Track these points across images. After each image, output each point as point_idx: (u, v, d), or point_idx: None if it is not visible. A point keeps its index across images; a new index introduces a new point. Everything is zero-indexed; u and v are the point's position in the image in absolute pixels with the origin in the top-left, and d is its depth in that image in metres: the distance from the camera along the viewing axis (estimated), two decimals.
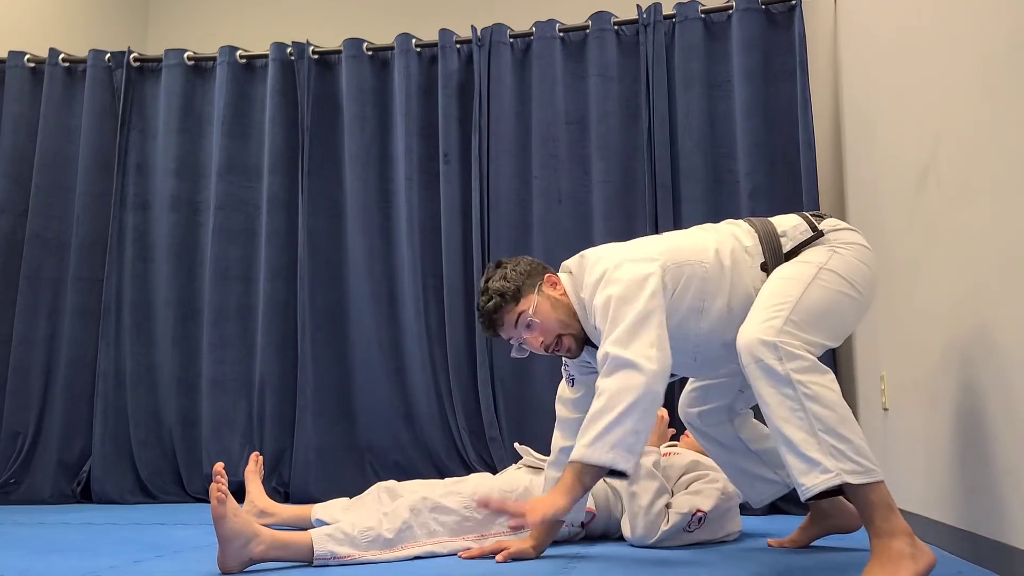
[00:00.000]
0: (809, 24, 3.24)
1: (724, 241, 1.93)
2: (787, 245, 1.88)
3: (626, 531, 2.19)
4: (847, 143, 2.98)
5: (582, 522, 2.25)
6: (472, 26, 3.53)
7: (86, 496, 3.43)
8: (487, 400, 3.28)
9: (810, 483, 1.58)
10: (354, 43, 3.60)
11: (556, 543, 2.21)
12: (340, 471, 3.33)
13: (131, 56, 3.73)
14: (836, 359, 3.07)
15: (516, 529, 2.12)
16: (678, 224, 3.25)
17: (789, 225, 1.92)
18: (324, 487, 3.21)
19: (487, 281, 2.01)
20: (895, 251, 2.35)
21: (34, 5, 4.17)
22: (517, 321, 1.97)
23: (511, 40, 3.50)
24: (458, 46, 3.53)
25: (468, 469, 3.18)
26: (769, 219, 1.99)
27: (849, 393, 3.01)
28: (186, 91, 3.70)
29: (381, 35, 3.68)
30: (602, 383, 1.77)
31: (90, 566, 1.90)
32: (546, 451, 2.51)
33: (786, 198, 3.13)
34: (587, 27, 3.42)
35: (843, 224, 1.94)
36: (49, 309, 3.59)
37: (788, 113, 3.17)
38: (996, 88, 1.66)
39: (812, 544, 2.17)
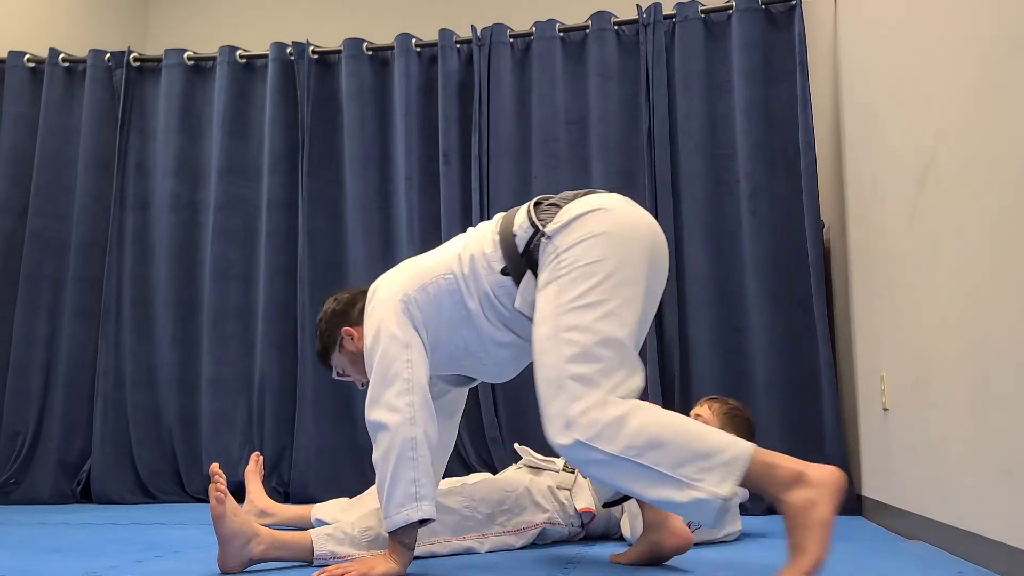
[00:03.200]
0: (809, 24, 3.25)
1: (468, 246, 1.85)
2: (520, 246, 1.76)
3: (626, 531, 2.19)
4: (847, 143, 2.98)
5: (582, 522, 2.25)
6: (472, 26, 3.53)
7: (86, 496, 3.43)
8: (487, 400, 3.28)
9: (706, 520, 1.49)
10: (354, 43, 3.60)
11: (556, 543, 2.21)
12: (340, 471, 3.32)
13: (131, 56, 3.73)
14: (836, 358, 3.08)
15: (516, 531, 2.13)
16: (678, 224, 3.25)
17: (518, 223, 1.79)
18: (324, 487, 3.21)
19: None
20: (895, 251, 2.35)
21: (34, 5, 4.18)
22: (335, 371, 2.10)
23: (511, 40, 3.50)
24: (458, 46, 3.53)
25: (468, 469, 3.18)
26: (513, 213, 1.85)
27: (849, 393, 3.01)
28: (186, 91, 3.70)
29: (381, 35, 3.68)
30: (374, 453, 1.76)
31: (90, 566, 1.89)
32: (546, 452, 2.51)
33: (786, 198, 3.14)
34: (587, 27, 3.42)
35: (577, 210, 1.74)
36: (49, 309, 3.59)
37: (788, 113, 3.17)
38: (996, 88, 1.66)
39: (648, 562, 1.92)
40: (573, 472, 2.30)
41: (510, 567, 1.88)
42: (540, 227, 1.74)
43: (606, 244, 1.68)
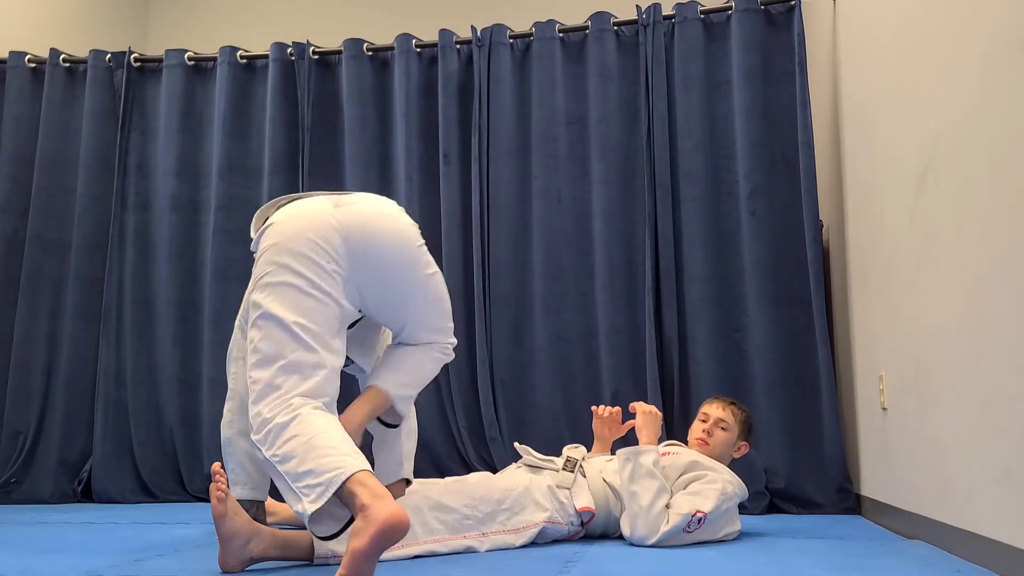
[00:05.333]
0: (808, 24, 3.25)
1: None
2: None
3: (626, 530, 2.20)
4: (846, 143, 2.98)
5: (582, 521, 2.26)
6: (472, 26, 3.53)
7: (87, 495, 3.43)
8: (487, 400, 3.28)
9: (315, 530, 1.70)
10: (354, 43, 3.61)
11: (556, 542, 2.22)
12: None
13: (132, 56, 3.73)
14: (835, 358, 3.08)
15: (516, 530, 2.13)
16: (677, 224, 3.26)
17: None
18: None
19: None
20: (894, 251, 2.36)
21: (35, 5, 4.18)
22: None
23: (511, 40, 3.50)
24: (458, 46, 3.54)
25: (468, 469, 3.19)
26: None
27: (848, 393, 3.02)
28: (186, 91, 3.70)
29: (381, 35, 3.68)
30: None
31: (91, 565, 1.90)
32: (546, 451, 2.52)
33: (785, 198, 3.14)
34: (587, 27, 3.43)
35: (259, 228, 2.01)
36: (50, 309, 3.59)
37: (787, 113, 3.18)
38: (996, 87, 1.67)
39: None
40: (573, 471, 2.31)
41: (510, 566, 1.89)
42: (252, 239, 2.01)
43: (270, 256, 1.90)
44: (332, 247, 1.91)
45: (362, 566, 1.52)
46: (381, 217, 2.02)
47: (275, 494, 3.21)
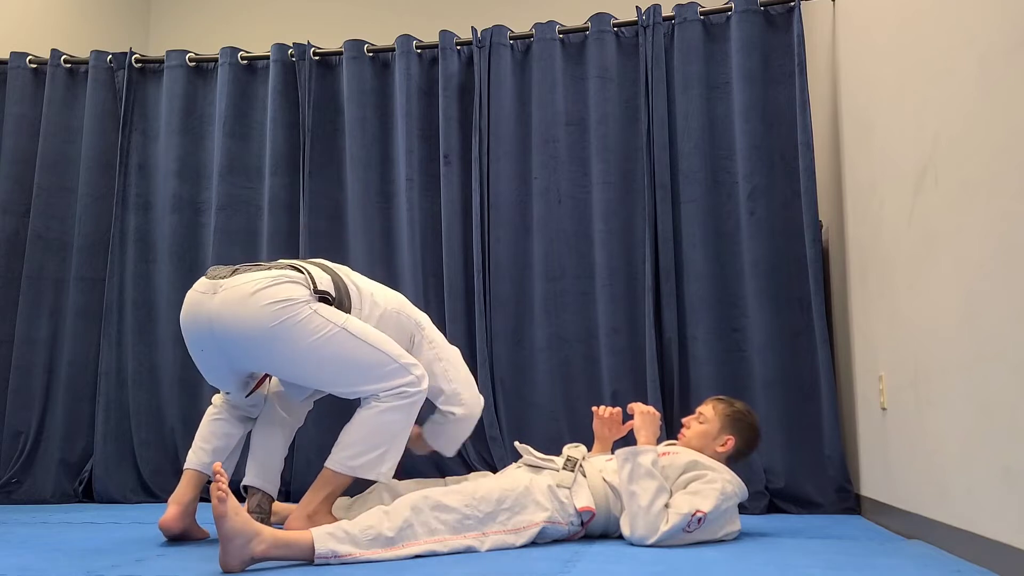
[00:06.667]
0: (807, 25, 3.25)
1: None
2: None
3: (625, 530, 2.20)
4: (845, 144, 2.99)
5: (582, 521, 2.26)
6: (472, 27, 3.54)
7: (88, 495, 3.44)
8: (487, 400, 3.28)
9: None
10: (355, 44, 3.61)
11: (556, 542, 2.23)
12: None
13: (133, 57, 3.74)
14: (835, 358, 3.08)
15: (517, 529, 2.13)
16: (677, 225, 3.26)
17: None
18: None
19: None
20: (893, 251, 2.37)
21: (36, 6, 4.19)
22: None
23: (511, 42, 3.51)
24: (458, 47, 3.54)
25: (468, 468, 3.19)
26: None
27: (848, 393, 3.02)
28: (187, 92, 3.71)
29: (382, 36, 3.69)
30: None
31: (92, 565, 1.91)
32: (546, 450, 2.52)
33: (785, 199, 3.15)
34: (587, 29, 3.43)
35: None
36: (51, 309, 3.60)
37: (787, 114, 3.18)
38: (994, 88, 1.67)
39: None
40: (573, 471, 2.31)
41: (510, 566, 1.89)
42: None
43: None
44: (201, 333, 2.28)
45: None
46: (236, 305, 2.21)
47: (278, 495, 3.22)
